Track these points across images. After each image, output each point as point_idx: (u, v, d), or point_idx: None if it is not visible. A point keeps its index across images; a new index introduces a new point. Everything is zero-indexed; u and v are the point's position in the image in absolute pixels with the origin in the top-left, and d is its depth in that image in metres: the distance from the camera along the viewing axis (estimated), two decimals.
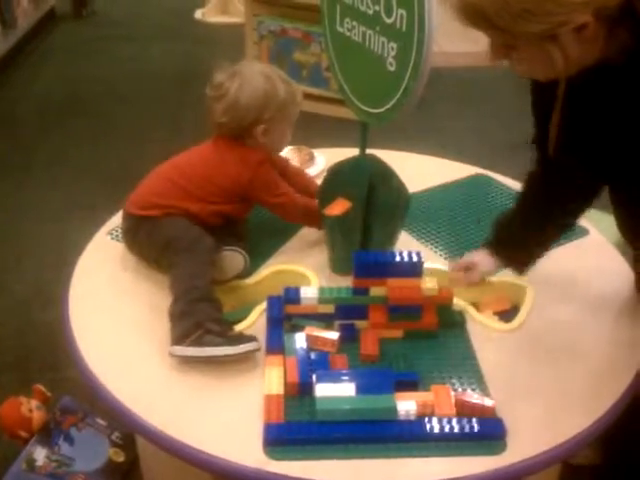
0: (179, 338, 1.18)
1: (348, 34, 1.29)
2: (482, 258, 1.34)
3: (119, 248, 1.46)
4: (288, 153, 1.81)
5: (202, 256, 1.30)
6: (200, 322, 1.18)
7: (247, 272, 1.39)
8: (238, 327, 1.26)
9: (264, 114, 1.36)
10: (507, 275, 1.41)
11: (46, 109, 3.71)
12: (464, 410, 1.08)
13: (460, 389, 1.14)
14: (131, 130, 3.46)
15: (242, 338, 1.19)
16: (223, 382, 1.15)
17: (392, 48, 1.15)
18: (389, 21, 1.15)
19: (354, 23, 1.26)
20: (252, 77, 1.37)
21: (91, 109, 3.71)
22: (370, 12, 1.20)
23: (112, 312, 1.31)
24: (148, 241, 1.38)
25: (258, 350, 1.18)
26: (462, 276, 1.34)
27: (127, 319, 1.29)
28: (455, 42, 5.03)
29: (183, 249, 1.30)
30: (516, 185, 1.75)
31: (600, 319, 1.31)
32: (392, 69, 1.16)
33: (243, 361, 1.18)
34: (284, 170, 1.53)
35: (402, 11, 1.11)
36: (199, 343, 1.16)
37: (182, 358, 1.17)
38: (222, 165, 1.38)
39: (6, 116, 3.61)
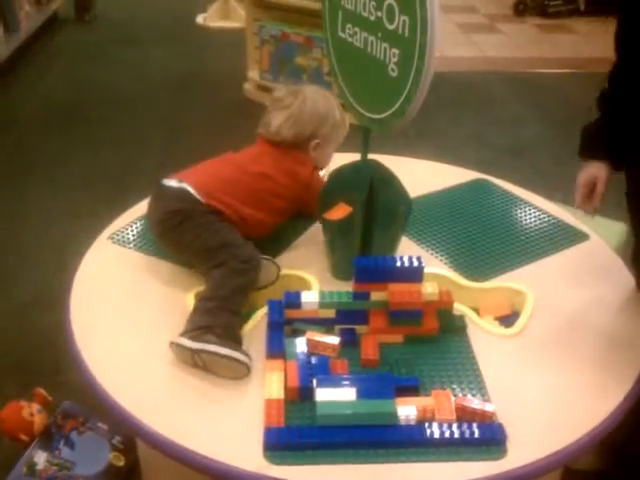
0: (185, 332, 1.19)
1: (350, 40, 1.29)
2: (596, 169, 1.41)
3: (121, 252, 1.47)
4: None
5: (252, 274, 1.30)
6: (214, 325, 1.19)
7: (273, 283, 1.38)
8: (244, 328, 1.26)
9: (321, 129, 1.48)
10: (508, 280, 1.42)
11: (48, 113, 3.72)
12: (464, 415, 1.08)
13: (460, 394, 1.14)
14: (133, 134, 3.47)
15: (236, 347, 1.18)
16: (224, 386, 1.16)
17: (394, 54, 1.16)
18: (391, 27, 1.15)
19: (356, 29, 1.27)
20: (314, 95, 1.50)
21: (93, 113, 3.72)
22: (372, 18, 1.20)
23: (113, 316, 1.31)
24: (200, 235, 1.32)
25: (244, 365, 1.16)
26: (589, 203, 1.42)
27: (128, 323, 1.29)
28: (456, 47, 5.07)
29: (240, 260, 1.29)
30: (516, 190, 1.76)
31: (600, 324, 1.32)
32: (394, 75, 1.17)
33: (228, 375, 1.16)
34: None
35: (404, 17, 1.12)
36: (198, 338, 1.17)
37: (176, 348, 1.18)
38: (280, 169, 1.44)
39: (8, 120, 3.62)
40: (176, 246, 1.38)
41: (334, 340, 1.21)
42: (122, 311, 1.32)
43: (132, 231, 1.54)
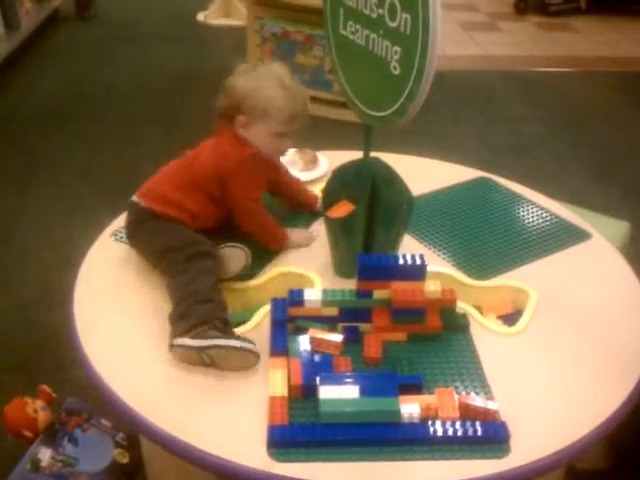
0: (180, 334, 1.19)
1: (351, 37, 1.29)
2: None
3: (123, 249, 1.47)
4: (291, 155, 1.81)
5: (200, 262, 1.30)
6: (204, 320, 1.19)
7: (249, 269, 1.38)
8: (241, 329, 1.27)
9: (244, 104, 1.38)
10: (510, 279, 1.42)
11: (49, 110, 3.72)
12: (468, 413, 1.08)
13: (464, 392, 1.14)
14: (133, 131, 3.47)
15: (240, 337, 1.19)
16: (228, 384, 1.16)
17: (396, 52, 1.16)
18: (393, 25, 1.15)
19: (357, 26, 1.26)
20: (256, 70, 1.42)
21: (94, 110, 3.73)
22: (374, 15, 1.20)
23: (117, 313, 1.32)
24: (149, 241, 1.39)
25: (252, 353, 1.17)
26: None
27: (132, 320, 1.29)
28: (457, 45, 5.06)
29: (182, 259, 1.30)
30: (518, 188, 1.76)
31: (604, 322, 1.32)
32: (396, 72, 1.17)
33: (237, 367, 1.17)
34: (277, 178, 1.54)
35: (406, 15, 1.11)
36: (200, 335, 1.17)
37: (180, 350, 1.17)
38: (212, 149, 1.40)
39: (9, 117, 3.63)
40: (144, 257, 1.42)
41: (337, 338, 1.21)
42: (126, 308, 1.33)
43: None
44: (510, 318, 1.35)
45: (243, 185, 1.40)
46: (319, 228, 1.48)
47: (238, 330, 1.26)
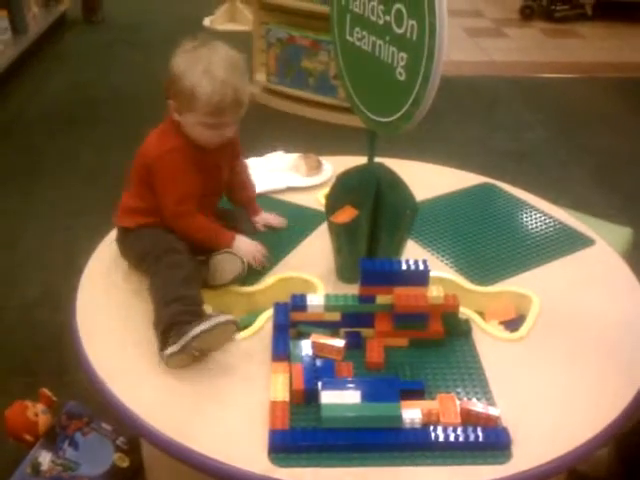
0: (162, 345, 1.19)
1: (358, 43, 1.29)
2: None
3: None
4: (295, 160, 1.82)
5: (167, 258, 1.29)
6: (171, 323, 1.19)
7: (244, 276, 1.37)
8: (244, 333, 1.27)
9: (173, 88, 1.31)
10: (513, 285, 1.42)
11: (56, 114, 3.73)
12: (469, 419, 1.08)
13: (465, 398, 1.14)
14: (139, 135, 3.46)
15: (214, 315, 1.18)
16: (229, 388, 1.16)
17: (402, 58, 1.16)
18: (399, 31, 1.16)
19: (364, 33, 1.27)
20: (195, 51, 1.31)
21: (100, 114, 3.74)
22: (380, 22, 1.21)
23: (119, 317, 1.32)
24: (130, 254, 1.41)
25: (231, 322, 1.16)
26: None
27: (134, 324, 1.29)
28: (462, 51, 5.07)
29: (153, 262, 1.30)
30: (521, 194, 1.76)
31: (606, 328, 1.31)
32: (402, 79, 1.17)
33: (222, 343, 1.18)
34: (230, 180, 1.47)
35: (413, 22, 1.12)
36: (177, 339, 1.16)
37: (170, 361, 1.17)
38: (149, 138, 1.38)
39: (16, 120, 3.64)
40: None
41: (339, 343, 1.21)
42: (128, 312, 1.33)
43: None
44: (513, 324, 1.35)
45: (164, 185, 1.32)
46: (323, 233, 1.48)
47: (242, 335, 1.26)
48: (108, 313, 1.33)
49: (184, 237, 1.33)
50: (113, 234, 1.53)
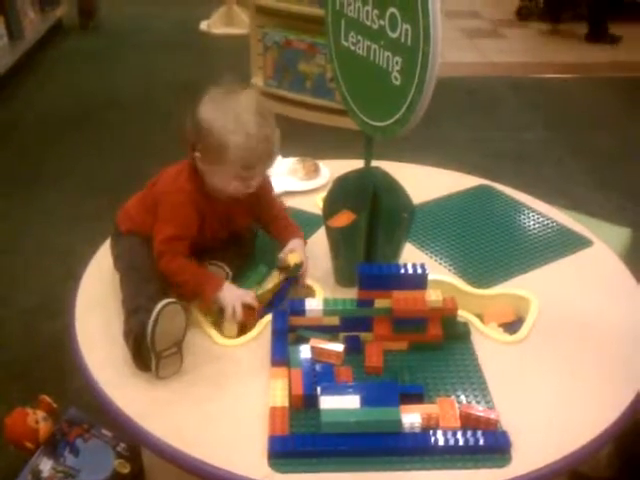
0: (142, 366, 1.19)
1: (353, 48, 1.30)
2: None
3: None
4: (293, 164, 1.82)
5: (128, 260, 1.32)
6: (132, 331, 1.20)
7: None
8: (242, 339, 1.27)
9: (199, 142, 1.27)
10: (512, 287, 1.42)
11: (52, 120, 3.74)
12: (469, 422, 1.08)
13: (465, 401, 1.14)
14: (137, 141, 3.48)
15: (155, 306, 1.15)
16: (228, 394, 1.16)
17: (397, 62, 1.16)
18: (394, 35, 1.16)
19: (359, 37, 1.27)
20: (221, 104, 1.27)
21: (97, 120, 3.74)
22: (375, 27, 1.21)
23: (119, 323, 1.31)
24: (114, 258, 1.42)
25: (173, 303, 1.15)
26: None
27: None
28: (459, 52, 5.07)
29: (123, 270, 1.33)
30: (519, 195, 1.76)
31: (605, 330, 1.31)
32: (397, 83, 1.17)
33: (176, 326, 1.16)
34: (272, 218, 1.45)
35: (407, 26, 1.12)
36: (145, 352, 1.16)
37: (162, 372, 1.17)
38: (165, 176, 1.37)
39: (13, 127, 3.64)
40: None
41: (338, 347, 1.21)
42: None
43: None
44: (512, 326, 1.35)
45: (159, 222, 1.31)
46: (321, 237, 1.48)
47: (240, 340, 1.26)
48: (107, 320, 1.32)
49: (167, 278, 1.29)
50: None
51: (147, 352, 1.16)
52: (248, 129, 1.24)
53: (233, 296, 1.28)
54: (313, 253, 1.49)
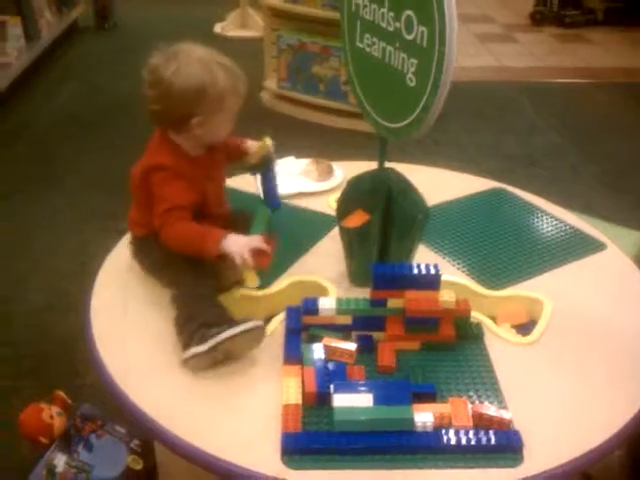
0: (186, 343, 1.20)
1: (368, 50, 1.30)
2: None
3: None
4: (307, 165, 1.83)
5: (199, 266, 1.31)
6: (202, 323, 1.21)
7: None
8: None
9: (199, 106, 1.28)
10: (525, 289, 1.42)
11: (68, 120, 3.76)
12: (481, 422, 1.08)
13: (477, 401, 1.14)
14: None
15: (241, 320, 1.20)
16: (242, 391, 1.17)
17: (412, 64, 1.17)
18: (409, 37, 1.17)
19: (374, 39, 1.28)
20: (189, 64, 1.28)
21: (111, 120, 3.76)
22: (391, 29, 1.22)
23: (134, 320, 1.33)
24: (147, 261, 1.41)
25: (259, 328, 1.19)
26: None
27: (148, 327, 1.31)
28: (473, 57, 5.07)
29: (180, 266, 1.31)
30: (533, 199, 1.77)
31: (618, 332, 1.31)
32: (412, 85, 1.18)
33: (249, 348, 1.19)
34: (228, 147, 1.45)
35: (423, 28, 1.13)
36: (204, 338, 1.18)
37: (193, 361, 1.18)
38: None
39: (28, 127, 3.67)
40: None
41: (351, 346, 1.22)
42: (142, 315, 1.34)
43: None
44: (524, 328, 1.35)
45: (154, 205, 1.31)
46: (334, 237, 1.48)
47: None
48: (122, 316, 1.34)
49: (172, 249, 1.29)
50: (126, 237, 1.55)
51: (202, 341, 1.17)
52: (226, 64, 1.30)
53: (239, 245, 1.26)
54: (326, 253, 1.51)
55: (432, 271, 1.23)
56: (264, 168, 1.47)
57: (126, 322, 1.33)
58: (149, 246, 1.38)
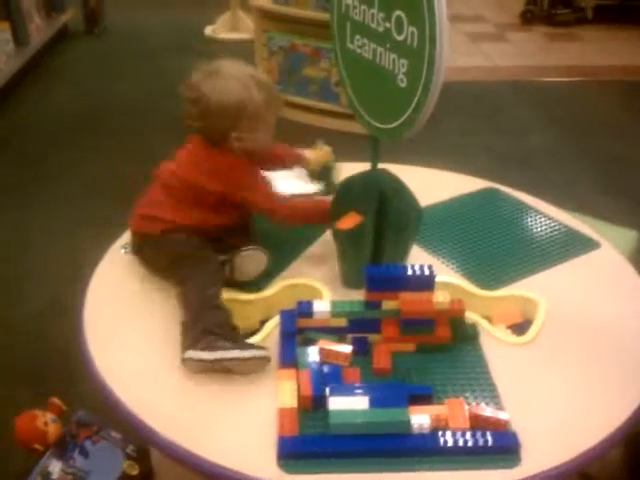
0: (191, 344, 1.20)
1: (359, 51, 1.30)
2: None
3: (133, 261, 1.47)
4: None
5: (209, 266, 1.33)
6: (210, 328, 1.21)
7: (269, 271, 1.42)
8: (251, 340, 1.27)
9: (237, 122, 1.34)
10: (519, 289, 1.42)
11: (58, 124, 3.75)
12: (478, 423, 1.08)
13: (474, 402, 1.14)
14: (142, 145, 3.49)
15: (252, 345, 1.22)
16: (237, 395, 1.16)
17: (403, 65, 1.17)
18: (400, 38, 1.16)
19: (365, 40, 1.28)
20: (228, 82, 1.34)
21: (102, 124, 3.75)
22: (380, 29, 1.21)
23: (127, 325, 1.32)
24: (154, 259, 1.42)
25: (267, 359, 1.19)
26: None
27: (142, 332, 1.30)
28: (464, 56, 5.07)
29: (189, 264, 1.32)
30: (526, 198, 1.77)
31: (613, 331, 1.31)
32: (403, 85, 1.18)
33: (252, 371, 1.19)
34: (269, 155, 1.52)
35: (413, 28, 1.12)
36: (211, 347, 1.18)
37: (194, 363, 1.18)
38: (198, 173, 1.37)
39: (18, 132, 3.66)
40: (155, 273, 1.43)
41: (346, 349, 1.21)
42: (136, 321, 1.33)
43: None
44: (519, 328, 1.35)
45: (249, 190, 1.38)
46: (328, 239, 1.48)
47: (249, 341, 1.26)
48: (115, 321, 1.33)
49: (289, 226, 1.47)
50: (119, 242, 1.55)
51: (208, 348, 1.18)
52: (269, 86, 1.40)
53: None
54: (320, 255, 1.50)
55: (426, 272, 1.23)
56: (325, 175, 1.54)
57: (120, 328, 1.32)
58: (170, 241, 1.37)
